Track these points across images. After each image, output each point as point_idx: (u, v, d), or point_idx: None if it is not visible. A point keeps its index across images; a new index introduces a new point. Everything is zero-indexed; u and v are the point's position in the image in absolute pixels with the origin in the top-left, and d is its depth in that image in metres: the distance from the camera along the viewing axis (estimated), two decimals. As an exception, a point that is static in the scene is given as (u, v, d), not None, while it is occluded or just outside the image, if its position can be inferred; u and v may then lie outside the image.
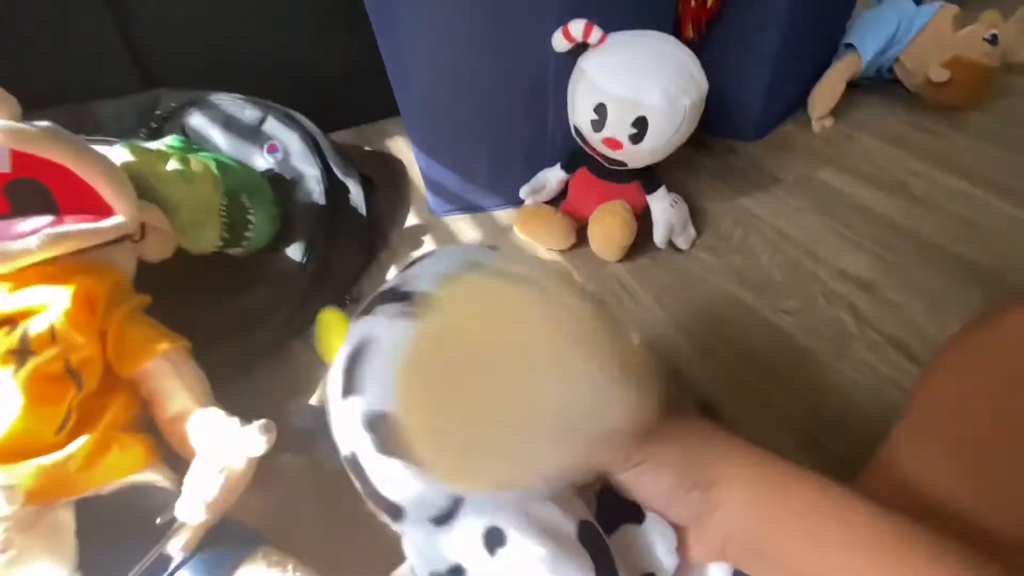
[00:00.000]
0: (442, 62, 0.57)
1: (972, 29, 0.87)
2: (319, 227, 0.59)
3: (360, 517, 0.26)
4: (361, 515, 0.26)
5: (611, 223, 0.59)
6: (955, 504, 0.27)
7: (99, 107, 0.68)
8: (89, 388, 0.39)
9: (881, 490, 0.30)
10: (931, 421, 0.31)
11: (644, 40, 0.52)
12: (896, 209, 0.70)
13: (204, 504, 0.32)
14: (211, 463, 0.35)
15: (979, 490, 0.27)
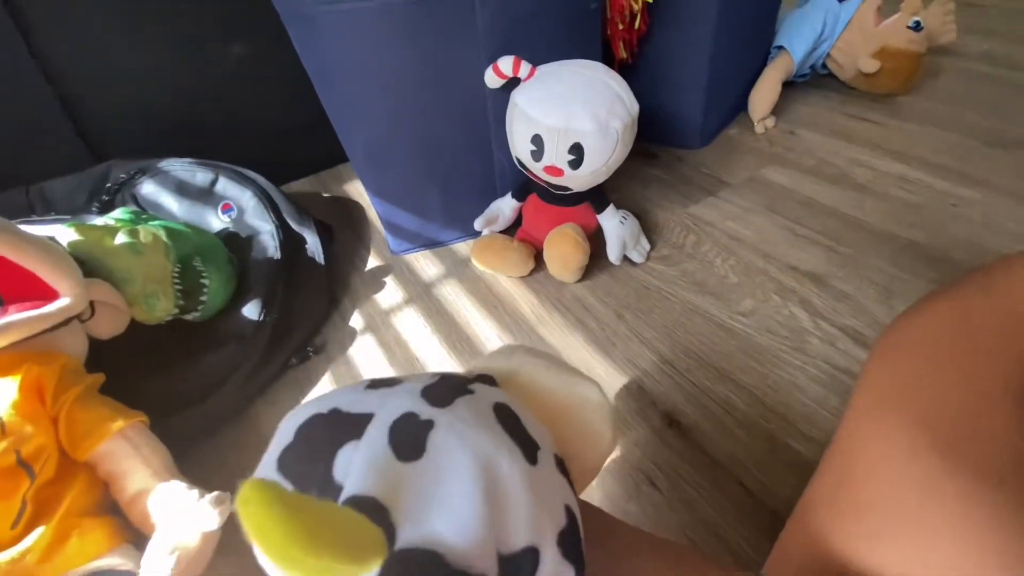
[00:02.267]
0: (381, 109, 0.59)
1: (896, 18, 0.91)
2: (275, 282, 0.59)
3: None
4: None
5: (564, 246, 0.60)
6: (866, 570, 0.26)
7: (50, 187, 0.68)
8: (44, 477, 0.38)
9: (797, 553, 0.30)
10: (845, 481, 0.29)
11: (572, 69, 0.53)
12: (842, 200, 0.72)
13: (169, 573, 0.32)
14: (163, 544, 0.34)
15: (889, 558, 0.26)
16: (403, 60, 0.54)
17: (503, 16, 0.52)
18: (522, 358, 0.26)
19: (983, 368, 0.27)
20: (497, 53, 0.54)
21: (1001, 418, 0.26)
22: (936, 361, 0.29)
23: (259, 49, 0.80)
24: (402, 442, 0.18)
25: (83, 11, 0.69)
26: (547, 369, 0.26)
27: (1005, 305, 0.29)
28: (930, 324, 0.31)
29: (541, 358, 0.27)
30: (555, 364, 0.27)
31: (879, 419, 0.29)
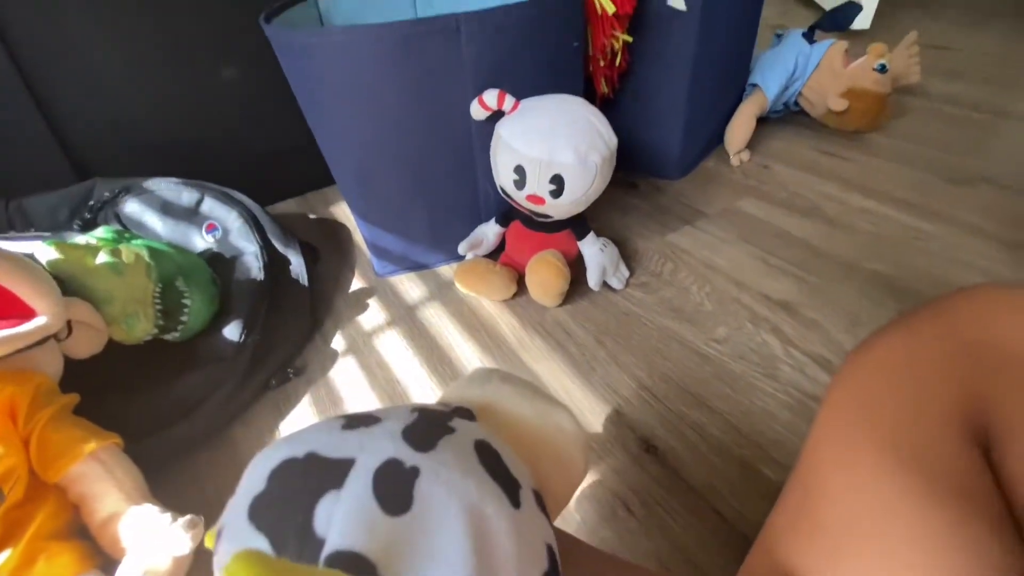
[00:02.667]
0: (369, 136, 0.60)
1: (862, 61, 0.96)
2: (258, 303, 0.60)
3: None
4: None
5: (545, 272, 0.62)
6: (858, 559, 0.27)
7: (31, 202, 0.68)
8: (13, 499, 0.38)
9: (770, 562, 0.31)
10: (805, 506, 0.31)
11: (554, 104, 0.56)
12: (812, 232, 0.75)
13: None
14: (133, 567, 0.34)
15: (883, 559, 0.26)
16: (392, 91, 0.56)
17: (489, 52, 0.55)
18: (497, 386, 0.27)
19: (932, 396, 0.29)
20: (483, 86, 0.56)
21: (949, 444, 0.27)
22: (890, 389, 0.31)
23: (248, 72, 0.82)
24: (388, 494, 0.17)
25: (72, 28, 0.69)
26: (521, 397, 0.26)
27: (953, 335, 0.30)
28: (884, 354, 0.32)
29: (515, 385, 0.27)
30: (529, 391, 0.28)
31: (838, 444, 0.31)
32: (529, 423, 0.26)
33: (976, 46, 1.45)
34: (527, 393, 0.27)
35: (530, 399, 0.27)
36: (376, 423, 0.20)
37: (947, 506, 0.25)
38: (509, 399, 0.26)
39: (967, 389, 0.28)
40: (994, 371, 0.27)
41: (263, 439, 0.54)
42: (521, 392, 0.27)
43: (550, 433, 0.26)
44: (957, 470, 0.26)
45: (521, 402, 0.26)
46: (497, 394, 0.27)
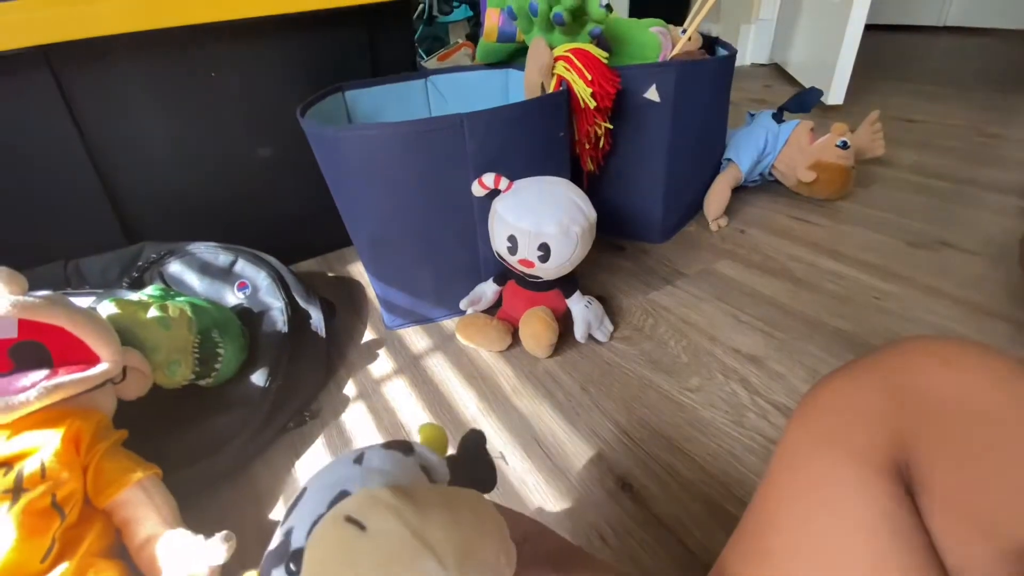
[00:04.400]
0: (385, 208, 0.70)
1: (826, 139, 1.07)
2: (281, 353, 0.67)
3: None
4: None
5: (536, 326, 0.69)
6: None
7: (86, 263, 0.78)
8: (71, 519, 0.44)
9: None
10: (756, 536, 0.34)
11: (542, 185, 0.65)
12: (780, 291, 0.83)
13: (172, 612, 0.37)
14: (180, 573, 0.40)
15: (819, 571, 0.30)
16: (406, 172, 0.66)
17: (487, 142, 0.65)
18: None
19: (867, 437, 0.32)
20: (482, 170, 0.66)
21: (881, 482, 0.31)
22: (832, 430, 0.34)
23: (281, 150, 0.93)
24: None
25: (132, 113, 0.81)
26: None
27: (885, 382, 0.33)
28: (829, 398, 0.36)
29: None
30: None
31: (785, 479, 0.35)
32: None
33: (945, 118, 1.58)
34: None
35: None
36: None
37: (880, 538, 0.29)
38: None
39: (895, 431, 0.31)
40: (917, 417, 0.30)
41: (280, 476, 0.60)
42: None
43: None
44: (888, 505, 0.30)
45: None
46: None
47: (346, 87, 0.86)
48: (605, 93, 0.75)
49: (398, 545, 0.19)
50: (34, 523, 0.41)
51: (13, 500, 0.41)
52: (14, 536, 0.39)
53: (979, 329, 0.72)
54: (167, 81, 0.81)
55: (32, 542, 0.40)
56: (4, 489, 0.41)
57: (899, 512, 0.30)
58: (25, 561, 0.40)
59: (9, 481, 0.42)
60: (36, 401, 0.45)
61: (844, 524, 0.30)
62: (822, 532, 0.31)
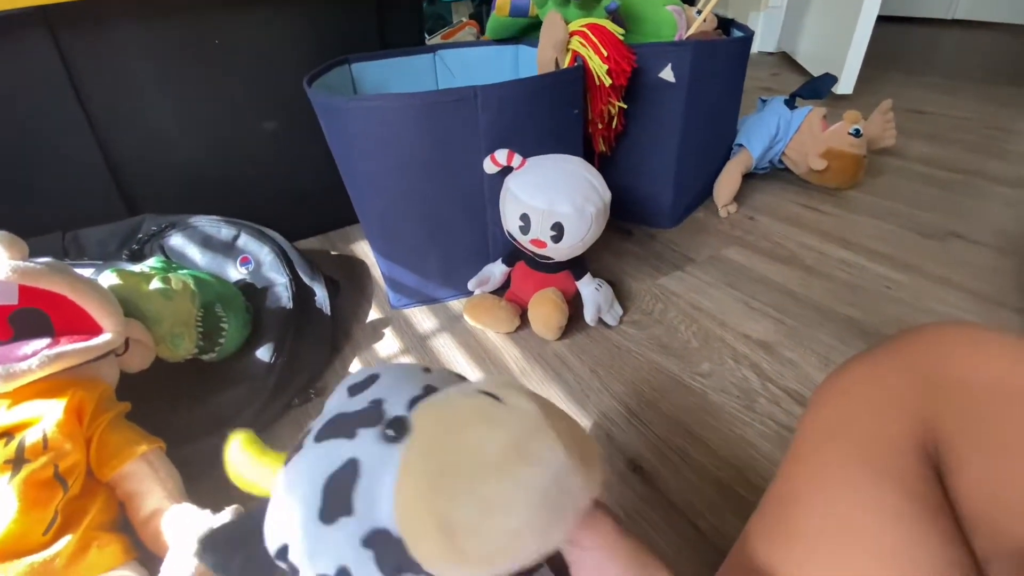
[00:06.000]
0: (394, 185, 0.68)
1: (839, 126, 1.06)
2: (287, 329, 0.66)
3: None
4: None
5: (546, 308, 0.68)
6: (825, 566, 0.30)
7: (85, 234, 0.76)
8: (73, 491, 0.43)
9: (753, 558, 0.33)
10: (781, 516, 0.34)
11: (556, 162, 0.64)
12: (791, 278, 0.82)
13: (181, 585, 0.36)
14: (186, 548, 0.39)
15: (853, 561, 0.29)
16: (416, 147, 0.64)
17: (500, 117, 0.63)
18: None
19: (891, 421, 0.32)
20: (494, 146, 0.64)
21: (907, 464, 0.31)
22: (855, 414, 0.34)
23: (286, 124, 0.91)
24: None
25: (135, 82, 0.79)
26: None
27: (909, 367, 0.33)
28: (851, 383, 0.36)
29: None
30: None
31: (810, 461, 0.35)
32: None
33: (953, 111, 1.56)
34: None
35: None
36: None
37: (906, 521, 0.29)
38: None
39: (920, 415, 0.31)
40: (943, 399, 0.30)
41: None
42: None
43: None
44: (914, 487, 0.30)
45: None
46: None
47: (353, 59, 0.83)
48: (621, 71, 0.73)
49: (533, 422, 0.21)
50: (36, 495, 0.40)
51: (14, 471, 0.40)
52: (15, 507, 0.38)
53: (989, 319, 0.72)
54: (169, 48, 0.79)
55: (34, 514, 0.39)
56: (5, 459, 0.40)
57: (927, 494, 0.30)
58: (27, 533, 0.39)
59: (10, 451, 0.40)
60: (38, 370, 0.43)
61: (869, 506, 0.30)
62: (847, 514, 0.31)
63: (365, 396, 0.26)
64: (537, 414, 0.22)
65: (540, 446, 0.21)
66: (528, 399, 0.22)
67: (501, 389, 0.23)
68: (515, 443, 0.21)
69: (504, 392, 0.23)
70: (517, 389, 0.23)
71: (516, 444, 0.21)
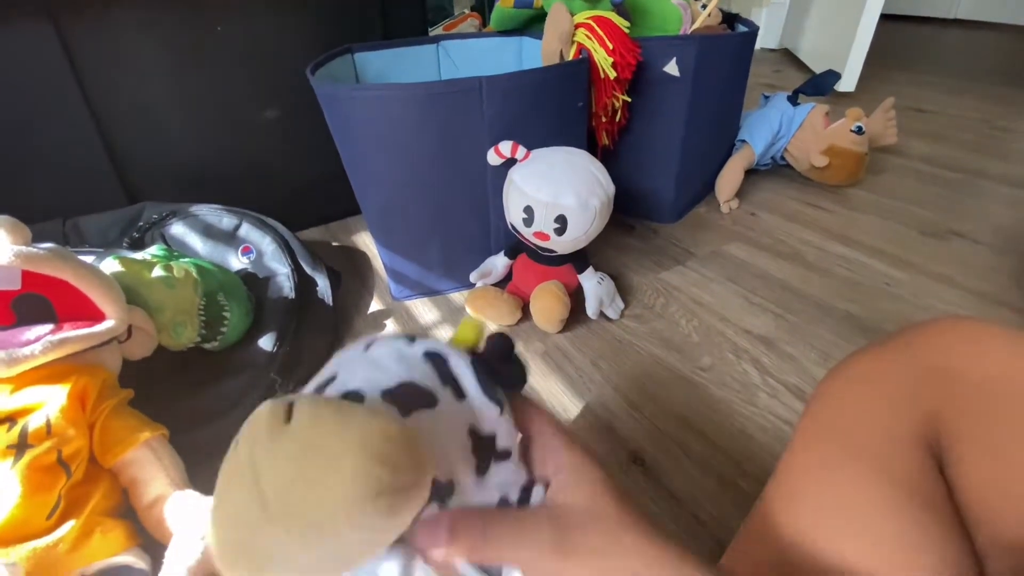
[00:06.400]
0: (397, 176, 0.68)
1: (841, 123, 1.06)
2: (289, 319, 0.66)
3: None
4: None
5: (548, 301, 0.68)
6: (829, 552, 0.30)
7: (85, 221, 0.75)
8: (76, 477, 0.43)
9: (758, 547, 0.34)
10: (800, 474, 0.34)
11: (561, 155, 0.64)
12: (792, 274, 0.82)
13: (186, 570, 0.36)
14: (192, 534, 0.39)
15: (854, 538, 0.30)
16: (419, 138, 0.64)
17: (505, 109, 0.63)
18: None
19: (895, 413, 0.32)
20: (499, 137, 0.64)
21: (910, 455, 0.31)
22: (860, 405, 0.34)
23: (287, 113, 0.91)
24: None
25: (137, 72, 0.78)
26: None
27: (915, 360, 0.33)
28: (857, 374, 0.36)
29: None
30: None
31: (812, 454, 0.35)
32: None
33: (954, 110, 1.57)
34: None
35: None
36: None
37: (907, 513, 0.29)
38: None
39: (923, 408, 0.31)
40: (946, 393, 0.31)
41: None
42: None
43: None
44: (916, 479, 0.30)
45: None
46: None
47: (356, 48, 0.83)
48: (626, 64, 0.72)
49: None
50: (39, 479, 0.40)
51: (17, 456, 0.40)
52: (19, 492, 0.38)
53: (988, 318, 0.72)
54: (170, 33, 0.78)
55: (37, 499, 0.39)
56: (8, 444, 0.40)
57: (928, 486, 0.30)
58: (30, 518, 0.39)
59: (13, 436, 0.40)
60: (41, 355, 0.43)
61: (870, 501, 0.31)
62: (848, 506, 0.31)
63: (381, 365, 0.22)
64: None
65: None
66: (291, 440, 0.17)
67: (304, 410, 0.18)
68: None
69: (298, 414, 0.18)
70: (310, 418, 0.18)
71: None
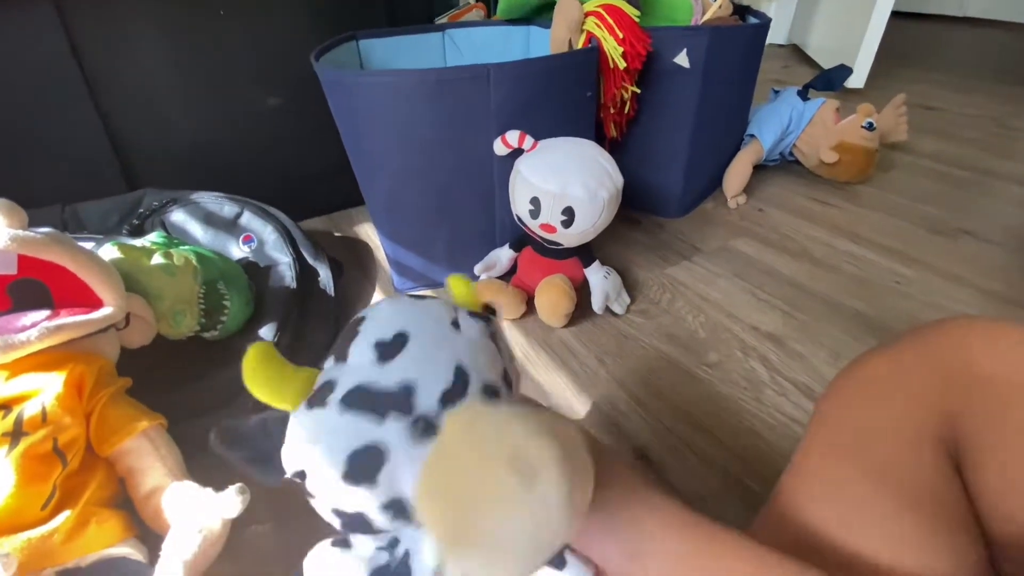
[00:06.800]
0: (401, 165, 0.67)
1: (852, 118, 1.05)
2: (290, 309, 0.65)
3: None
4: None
5: (553, 295, 0.67)
6: (842, 548, 0.30)
7: (85, 207, 0.74)
8: (72, 466, 0.42)
9: (776, 534, 0.34)
10: (815, 468, 0.35)
11: (568, 145, 0.62)
12: (800, 271, 0.81)
13: (183, 563, 0.36)
14: (189, 526, 0.38)
15: (866, 535, 0.30)
16: (425, 126, 0.63)
17: (513, 97, 0.62)
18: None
19: (910, 412, 0.32)
20: (505, 127, 0.63)
21: (924, 455, 0.31)
22: (874, 403, 0.34)
23: (290, 101, 0.89)
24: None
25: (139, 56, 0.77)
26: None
27: (930, 360, 0.33)
28: (871, 372, 0.36)
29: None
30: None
31: (820, 455, 0.35)
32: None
33: (963, 108, 1.55)
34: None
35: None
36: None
37: (923, 513, 0.29)
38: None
39: (941, 408, 0.31)
40: (965, 394, 0.30)
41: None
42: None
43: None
44: (930, 479, 0.30)
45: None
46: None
47: (360, 35, 0.81)
48: (636, 54, 0.71)
49: (556, 518, 0.21)
50: (35, 468, 0.39)
51: (12, 443, 0.39)
52: (13, 481, 0.37)
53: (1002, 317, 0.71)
54: (172, 17, 0.77)
55: (32, 488, 0.38)
56: (3, 432, 0.39)
57: (944, 488, 0.30)
58: (25, 507, 0.38)
59: (8, 424, 0.40)
60: (37, 341, 0.42)
61: (888, 499, 0.30)
62: (863, 506, 0.31)
63: (394, 371, 0.27)
64: (559, 496, 0.21)
65: (548, 507, 0.21)
66: (559, 490, 0.21)
67: (534, 456, 0.22)
68: (518, 476, 0.21)
69: (537, 464, 0.21)
70: (557, 466, 0.22)
71: (518, 479, 0.21)
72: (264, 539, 0.48)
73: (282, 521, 0.50)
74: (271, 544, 0.48)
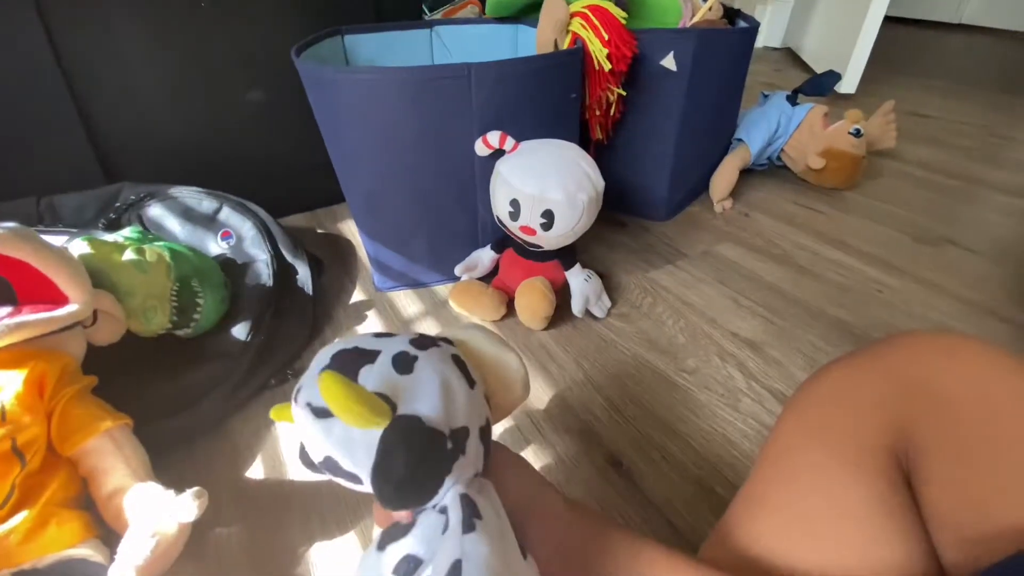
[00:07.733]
0: (382, 163, 0.66)
1: (840, 124, 1.04)
2: (265, 307, 0.64)
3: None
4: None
5: (532, 297, 0.67)
6: (786, 560, 0.31)
7: (60, 200, 0.73)
8: (32, 466, 0.42)
9: (720, 553, 0.35)
10: (763, 492, 0.36)
11: (549, 147, 0.62)
12: (783, 278, 0.81)
13: (135, 568, 0.35)
14: (143, 529, 0.38)
15: (819, 557, 0.31)
16: (406, 123, 0.62)
17: (495, 98, 0.61)
18: (473, 331, 0.37)
19: (866, 422, 0.33)
20: (487, 127, 0.62)
21: (877, 462, 0.31)
22: (832, 414, 0.35)
23: (272, 96, 0.88)
24: (399, 365, 0.29)
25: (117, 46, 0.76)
26: (487, 340, 0.36)
27: (886, 372, 0.34)
28: (831, 384, 0.37)
29: (485, 333, 0.37)
30: (493, 338, 0.37)
31: (784, 462, 0.36)
32: (489, 356, 0.36)
33: (955, 116, 1.55)
34: (492, 338, 0.37)
35: (492, 342, 0.37)
36: (394, 336, 0.32)
37: (872, 523, 0.30)
38: (479, 339, 0.36)
39: (894, 422, 0.32)
40: (919, 408, 0.31)
41: (260, 433, 0.58)
42: (488, 337, 0.37)
43: (502, 365, 0.36)
44: (882, 488, 0.31)
45: (486, 343, 0.36)
46: (471, 334, 0.37)
47: (346, 31, 0.80)
48: (621, 56, 0.71)
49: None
50: (-9, 468, 0.38)
51: (-32, 443, 0.38)
52: (-32, 481, 0.37)
53: (979, 329, 0.71)
54: (152, 9, 0.75)
55: (-12, 487, 0.38)
56: (-42, 431, 0.38)
57: (894, 498, 0.30)
58: (-20, 507, 0.37)
59: (-36, 423, 0.39)
60: (-4, 339, 0.41)
61: (836, 509, 0.31)
62: (813, 516, 0.32)
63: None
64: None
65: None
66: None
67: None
68: None
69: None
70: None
71: None
72: (229, 540, 0.48)
73: (248, 523, 0.49)
74: (236, 546, 0.47)
